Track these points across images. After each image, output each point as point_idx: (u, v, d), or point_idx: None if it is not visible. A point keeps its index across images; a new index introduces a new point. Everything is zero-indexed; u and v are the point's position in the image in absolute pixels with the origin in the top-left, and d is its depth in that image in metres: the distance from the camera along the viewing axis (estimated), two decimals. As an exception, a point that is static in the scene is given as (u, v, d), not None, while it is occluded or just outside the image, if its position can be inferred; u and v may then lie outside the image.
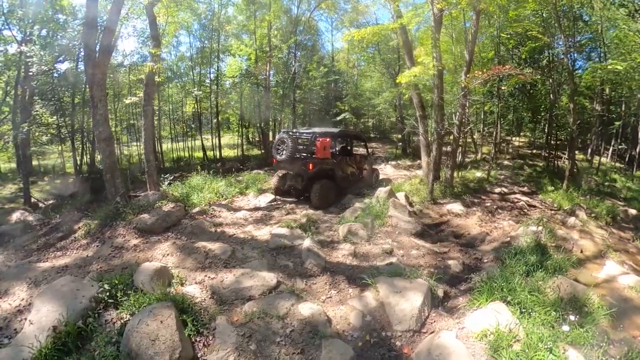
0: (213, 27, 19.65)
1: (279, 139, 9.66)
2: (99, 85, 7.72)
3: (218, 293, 4.89)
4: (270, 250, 6.45)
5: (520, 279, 5.14)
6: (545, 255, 6.63)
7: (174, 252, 6.01)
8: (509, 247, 7.18)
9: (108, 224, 7.10)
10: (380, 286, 5.13)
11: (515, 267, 5.80)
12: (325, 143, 9.12)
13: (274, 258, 6.26)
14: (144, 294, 4.50)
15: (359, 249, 6.67)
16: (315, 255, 6.18)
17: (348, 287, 5.48)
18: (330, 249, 6.70)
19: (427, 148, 11.66)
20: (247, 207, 9.49)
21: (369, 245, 6.84)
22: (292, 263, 6.13)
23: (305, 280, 5.69)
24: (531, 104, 18.28)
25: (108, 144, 8.04)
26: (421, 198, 9.90)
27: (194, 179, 10.99)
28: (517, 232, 7.94)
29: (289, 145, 9.06)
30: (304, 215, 8.30)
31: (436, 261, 6.51)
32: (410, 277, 5.29)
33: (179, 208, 7.77)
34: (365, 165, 11.36)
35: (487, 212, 9.74)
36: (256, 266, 5.79)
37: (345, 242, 6.91)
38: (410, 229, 7.59)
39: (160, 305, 4.05)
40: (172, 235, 6.82)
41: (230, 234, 7.21)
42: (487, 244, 7.84)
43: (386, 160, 19.32)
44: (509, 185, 13.08)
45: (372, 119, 28.87)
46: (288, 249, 6.56)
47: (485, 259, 6.98)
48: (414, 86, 11.40)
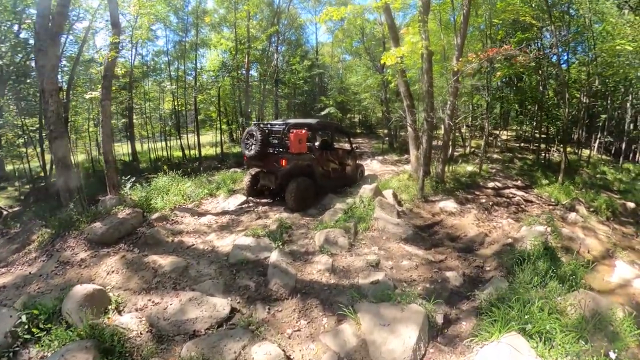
0: (191, 20, 18.04)
1: (247, 132, 8.27)
2: (49, 78, 6.77)
3: (157, 326, 3.90)
4: (230, 266, 5.28)
5: (536, 297, 3.87)
6: (555, 260, 5.53)
7: (120, 269, 5.05)
8: (512, 250, 6.04)
9: (60, 234, 6.12)
10: (362, 317, 3.81)
11: (526, 278, 4.62)
12: (300, 136, 7.74)
13: (233, 276, 5.03)
14: (67, 327, 3.69)
15: (338, 261, 5.35)
16: (282, 273, 4.87)
17: (322, 314, 4.19)
18: (303, 263, 5.37)
19: (416, 141, 10.34)
20: (214, 211, 8.14)
21: (350, 256, 5.52)
22: (254, 283, 4.87)
23: (269, 306, 4.41)
24: (519, 97, 17.24)
25: (61, 144, 7.07)
26: (411, 195, 8.61)
27: (160, 180, 9.57)
28: (521, 232, 6.73)
29: (258, 139, 7.72)
30: (276, 220, 6.92)
31: (432, 273, 5.21)
32: (401, 302, 3.97)
33: (136, 214, 6.64)
34: (349, 160, 10.01)
35: (483, 209, 8.51)
36: (209, 288, 4.66)
37: (322, 253, 5.58)
38: (399, 233, 6.28)
39: (77, 346, 3.25)
40: (123, 247, 5.80)
41: (189, 244, 6.07)
42: (487, 247, 6.61)
43: (372, 155, 17.94)
44: (502, 180, 11.91)
45: (358, 114, 27.57)
46: (252, 264, 5.29)
47: (488, 266, 5.74)
48: (401, 73, 10.08)
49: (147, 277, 4.83)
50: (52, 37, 6.90)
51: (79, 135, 18.85)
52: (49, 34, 6.84)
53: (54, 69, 7.05)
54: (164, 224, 6.85)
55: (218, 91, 17.77)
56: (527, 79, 17.02)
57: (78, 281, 4.78)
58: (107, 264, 5.20)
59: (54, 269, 5.24)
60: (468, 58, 7.51)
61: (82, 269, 5.18)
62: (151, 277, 4.84)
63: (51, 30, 6.90)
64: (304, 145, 7.87)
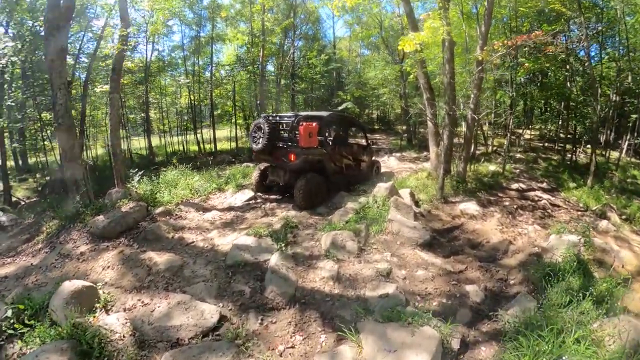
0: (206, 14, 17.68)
1: (255, 124, 7.80)
2: (57, 72, 6.67)
3: (141, 330, 3.64)
4: (227, 267, 4.86)
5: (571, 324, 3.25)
6: (589, 276, 4.83)
7: (116, 265, 4.89)
8: (540, 262, 5.34)
9: (66, 227, 6.14)
10: (365, 338, 3.26)
11: (557, 297, 3.96)
12: (311, 129, 7.15)
13: (229, 279, 4.63)
14: (52, 324, 3.55)
15: (344, 268, 4.79)
16: (281, 280, 4.39)
17: (321, 330, 3.69)
18: (305, 268, 4.85)
19: (436, 136, 9.60)
20: (219, 207, 7.75)
21: (359, 263, 4.94)
22: (250, 288, 4.43)
23: (262, 316, 3.95)
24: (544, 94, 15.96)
25: (68, 137, 6.89)
26: (429, 196, 7.92)
27: (169, 173, 9.26)
28: (550, 241, 5.97)
29: (266, 132, 7.22)
30: (282, 218, 6.43)
31: (450, 286, 4.59)
32: (413, 323, 3.38)
33: (139, 208, 6.47)
34: (364, 156, 9.37)
35: (506, 213, 7.75)
36: (200, 291, 4.33)
37: (327, 258, 5.03)
38: (415, 238, 5.65)
39: (54, 347, 3.06)
40: (123, 242, 5.67)
41: (189, 241, 5.75)
42: (512, 257, 5.90)
43: (390, 151, 17.16)
44: (526, 181, 10.99)
45: (376, 110, 26.63)
46: (250, 267, 4.84)
47: (512, 279, 5.07)
48: (420, 63, 9.33)
49: (140, 275, 4.61)
50: (60, 29, 6.71)
51: (98, 129, 18.94)
52: (56, 28, 6.67)
53: (62, 62, 6.90)
54: (167, 219, 6.58)
55: (233, 85, 17.41)
56: (553, 75, 15.76)
57: (74, 275, 4.67)
58: (105, 258, 5.04)
59: (54, 261, 5.18)
60: (493, 47, 6.75)
61: (80, 263, 5.06)
62: (145, 275, 4.62)
63: (58, 24, 6.72)
64: (315, 139, 7.30)
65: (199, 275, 4.66)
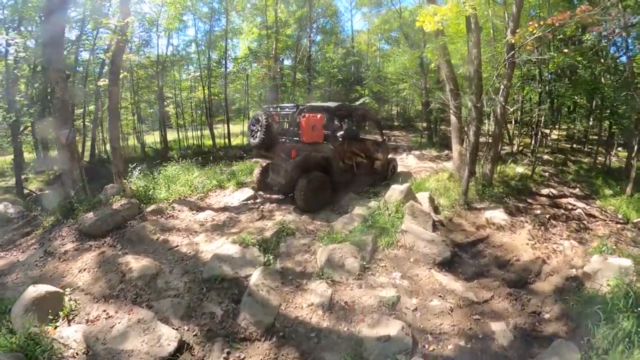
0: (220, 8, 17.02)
1: (253, 117, 6.90)
2: (54, 66, 6.42)
3: (94, 349, 3.17)
4: (203, 281, 4.18)
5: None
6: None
7: (93, 267, 4.52)
8: (580, 290, 4.31)
9: (61, 222, 5.92)
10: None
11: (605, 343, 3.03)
12: (314, 121, 6.21)
13: (202, 296, 3.95)
14: (8, 331, 3.23)
15: (340, 294, 3.89)
16: (258, 305, 3.60)
17: (298, 379, 2.77)
18: (293, 290, 3.98)
19: (460, 133, 8.39)
20: (215, 206, 7.01)
21: (359, 287, 4.00)
22: (222, 310, 3.69)
23: (229, 349, 3.22)
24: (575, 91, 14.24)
25: (65, 131, 6.65)
26: (451, 200, 6.78)
27: (170, 169, 8.58)
28: (591, 264, 4.82)
29: (264, 125, 6.30)
30: (277, 222, 5.57)
31: (471, 322, 3.59)
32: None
33: (130, 206, 6.06)
34: (379, 153, 8.29)
35: (538, 223, 6.54)
36: (167, 309, 3.73)
37: (321, 278, 4.12)
38: (432, 255, 4.64)
39: None
40: (108, 241, 5.29)
41: (173, 245, 5.16)
42: (545, 280, 4.81)
43: (409, 149, 15.93)
44: (557, 186, 9.62)
45: (396, 106, 25.29)
46: (227, 283, 4.11)
47: (547, 312, 4.00)
48: (442, 50, 8.14)
49: (113, 282, 4.20)
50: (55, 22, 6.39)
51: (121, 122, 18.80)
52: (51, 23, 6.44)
53: (59, 56, 6.58)
54: (157, 218, 6.04)
55: (246, 79, 16.68)
56: (583, 71, 14.11)
57: (52, 276, 4.43)
58: (84, 259, 4.71)
59: (38, 259, 4.93)
60: (528, 28, 5.57)
61: (60, 263, 4.76)
62: (117, 282, 4.19)
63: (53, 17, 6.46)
64: (319, 133, 6.42)
65: (172, 287, 4.09)
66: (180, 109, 19.06)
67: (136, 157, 16.98)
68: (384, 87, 20.83)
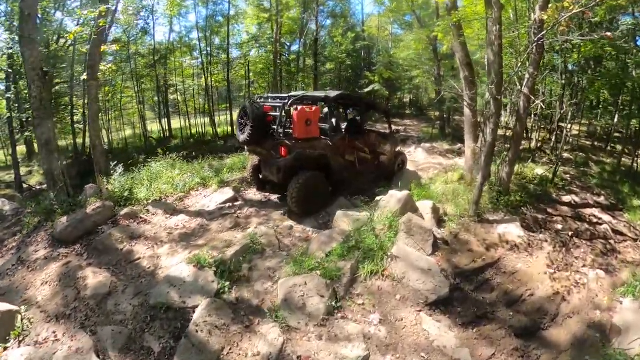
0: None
1: (241, 109, 5.98)
2: (30, 64, 6.04)
3: None
4: (150, 308, 3.59)
5: None
6: None
7: (54, 281, 4.16)
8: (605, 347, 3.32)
9: (40, 225, 5.50)
10: None
11: None
12: (308, 115, 5.36)
13: (145, 326, 3.41)
14: None
15: (294, 345, 3.00)
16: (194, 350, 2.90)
17: None
18: (242, 330, 3.17)
19: (474, 128, 7.06)
20: (192, 209, 6.18)
21: (319, 338, 3.05)
22: (160, 347, 3.16)
23: None
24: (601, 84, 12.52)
25: (44, 129, 6.27)
26: (460, 209, 5.63)
27: (154, 165, 7.87)
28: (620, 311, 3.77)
29: (252, 118, 5.42)
30: (247, 235, 4.65)
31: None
32: None
33: (102, 210, 5.51)
34: (386, 147, 7.28)
35: (559, 243, 5.34)
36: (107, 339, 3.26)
37: (275, 320, 3.20)
38: (426, 291, 3.62)
39: None
40: (76, 250, 4.82)
41: (135, 257, 4.61)
42: (563, 324, 3.75)
43: (419, 141, 14.61)
44: (579, 192, 8.21)
45: (409, 93, 23.68)
46: (172, 314, 3.48)
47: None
48: (457, 29, 6.73)
49: (69, 299, 3.84)
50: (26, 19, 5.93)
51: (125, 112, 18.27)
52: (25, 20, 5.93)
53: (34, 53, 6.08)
54: (128, 223, 5.43)
55: (247, 66, 15.59)
56: (609, 63, 12.26)
57: (17, 287, 4.14)
58: (49, 270, 4.36)
59: (11, 267, 4.61)
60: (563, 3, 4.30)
61: (28, 273, 4.42)
62: (72, 300, 3.83)
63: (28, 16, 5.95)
64: (315, 128, 5.56)
65: (120, 311, 3.65)
66: (184, 97, 18.22)
67: (140, 146, 16.48)
68: (397, 73, 19.34)
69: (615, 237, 6.22)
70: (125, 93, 17.27)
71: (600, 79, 11.60)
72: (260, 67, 16.62)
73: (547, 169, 8.95)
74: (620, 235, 6.39)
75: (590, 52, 10.60)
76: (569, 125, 13.53)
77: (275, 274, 3.90)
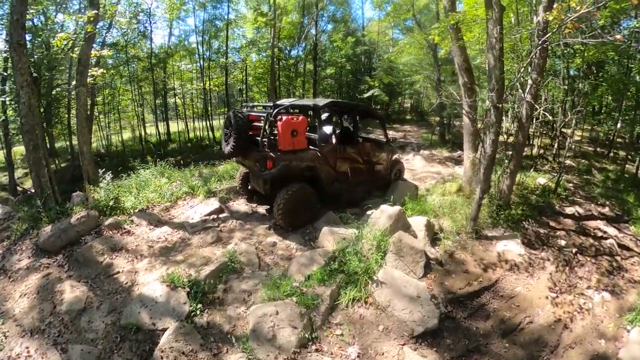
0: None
1: (226, 118, 5.72)
2: (19, 70, 5.81)
3: None
4: (121, 328, 3.38)
5: None
6: None
7: (32, 293, 3.97)
8: None
9: (26, 233, 5.28)
10: None
11: None
12: (294, 125, 5.03)
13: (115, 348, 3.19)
14: None
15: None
16: None
17: None
18: (208, 358, 2.92)
19: (474, 137, 6.64)
20: (176, 220, 5.84)
21: None
22: None
23: None
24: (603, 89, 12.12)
25: (31, 137, 6.02)
26: (457, 225, 5.22)
27: (143, 173, 7.50)
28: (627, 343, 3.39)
29: (234, 129, 5.14)
30: (226, 253, 4.33)
31: None
32: None
33: (86, 220, 5.26)
34: (381, 155, 6.92)
35: (562, 262, 4.93)
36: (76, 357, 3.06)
37: (243, 352, 2.87)
38: (412, 323, 3.22)
39: None
40: (57, 260, 4.61)
41: (114, 271, 4.37)
42: (564, 358, 3.36)
43: (417, 148, 14.16)
44: (583, 202, 7.74)
45: (409, 98, 23.28)
46: (142, 336, 3.25)
47: None
48: (455, 32, 6.31)
49: (45, 313, 3.65)
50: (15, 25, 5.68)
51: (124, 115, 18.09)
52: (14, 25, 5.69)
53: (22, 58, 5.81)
54: (112, 234, 5.19)
55: (245, 70, 15.28)
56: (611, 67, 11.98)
57: None
58: (29, 282, 4.18)
59: None
60: (570, 3, 3.91)
61: (9, 283, 4.26)
62: (48, 314, 3.64)
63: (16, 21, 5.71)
64: (302, 139, 5.20)
65: (92, 329, 3.44)
66: (182, 100, 17.95)
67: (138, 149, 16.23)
68: (397, 78, 18.95)
69: (622, 253, 5.77)
70: (124, 96, 17.07)
71: (603, 84, 11.21)
72: (260, 72, 16.33)
73: (550, 178, 8.51)
74: (627, 250, 5.94)
75: (594, 57, 10.25)
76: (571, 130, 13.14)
77: (250, 297, 3.55)
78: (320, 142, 5.64)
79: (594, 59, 10.69)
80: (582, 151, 13.55)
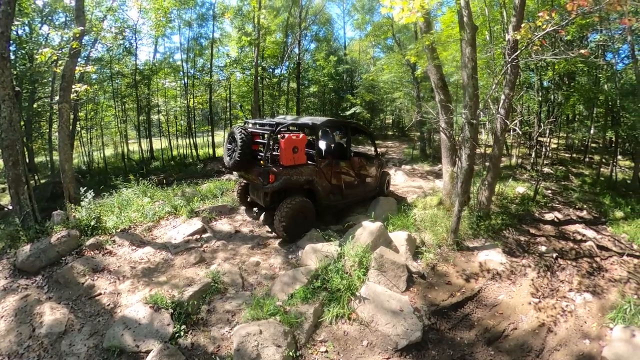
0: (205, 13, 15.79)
1: (229, 134, 6.03)
2: (1, 83, 5.56)
3: None
4: (103, 350, 3.31)
5: None
6: None
7: (10, 315, 3.77)
8: None
9: (3, 252, 5.07)
10: None
11: None
12: (295, 142, 5.40)
13: None
14: None
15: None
16: None
17: None
18: None
19: (451, 152, 6.88)
20: (159, 240, 5.70)
21: None
22: None
23: None
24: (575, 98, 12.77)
25: (11, 152, 5.80)
26: (438, 237, 5.31)
27: (125, 192, 7.41)
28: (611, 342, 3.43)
29: (239, 145, 5.46)
30: (210, 273, 4.22)
31: None
32: None
33: (67, 240, 5.09)
34: (371, 169, 7.27)
35: (543, 267, 5.05)
36: None
37: None
38: (396, 336, 3.20)
39: None
40: (37, 282, 4.48)
41: (96, 293, 4.24)
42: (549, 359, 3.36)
43: (399, 163, 14.36)
44: (562, 208, 8.08)
45: (391, 115, 23.77)
46: (125, 359, 3.18)
47: None
48: (430, 51, 6.57)
49: (23, 336, 3.50)
50: None
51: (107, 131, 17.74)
52: None
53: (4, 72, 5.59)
54: (93, 255, 5.03)
55: (229, 88, 15.35)
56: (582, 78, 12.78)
57: None
58: (6, 304, 3.96)
59: None
60: (537, 21, 4.15)
61: None
62: (27, 337, 3.49)
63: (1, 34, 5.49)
64: (302, 155, 5.53)
65: (74, 352, 3.32)
66: (166, 117, 17.79)
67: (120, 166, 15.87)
68: (378, 95, 19.38)
69: (601, 254, 5.98)
70: (108, 111, 16.81)
71: (575, 94, 11.83)
72: (244, 90, 16.45)
73: (529, 186, 8.79)
74: (606, 250, 6.15)
75: (564, 69, 10.85)
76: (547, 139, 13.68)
77: (234, 317, 3.47)
78: (318, 157, 5.98)
79: (565, 70, 11.35)
80: (559, 158, 14.11)
